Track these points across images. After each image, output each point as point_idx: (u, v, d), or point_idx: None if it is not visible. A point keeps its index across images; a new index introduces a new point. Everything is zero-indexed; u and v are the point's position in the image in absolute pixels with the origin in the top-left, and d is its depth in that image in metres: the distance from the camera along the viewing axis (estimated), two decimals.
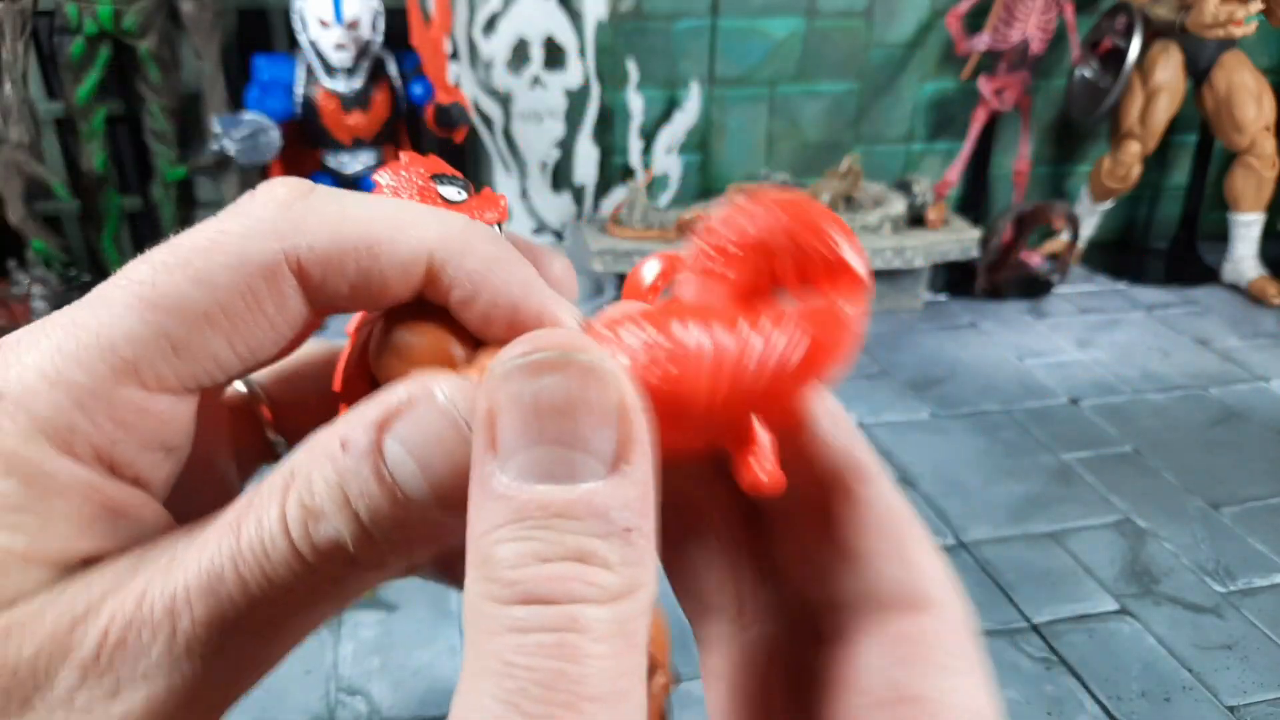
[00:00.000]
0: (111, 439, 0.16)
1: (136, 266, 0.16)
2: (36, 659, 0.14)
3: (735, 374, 0.15)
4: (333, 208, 0.17)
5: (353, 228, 0.17)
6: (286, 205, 0.17)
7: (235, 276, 0.16)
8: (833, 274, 0.16)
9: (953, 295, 2.54)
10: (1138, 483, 1.71)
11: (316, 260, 0.17)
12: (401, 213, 0.18)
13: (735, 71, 2.46)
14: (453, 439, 0.15)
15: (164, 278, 0.16)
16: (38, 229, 2.04)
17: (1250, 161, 2.44)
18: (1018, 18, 2.30)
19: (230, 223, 0.17)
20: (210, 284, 0.16)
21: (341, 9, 1.94)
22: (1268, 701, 1.24)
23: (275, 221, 0.17)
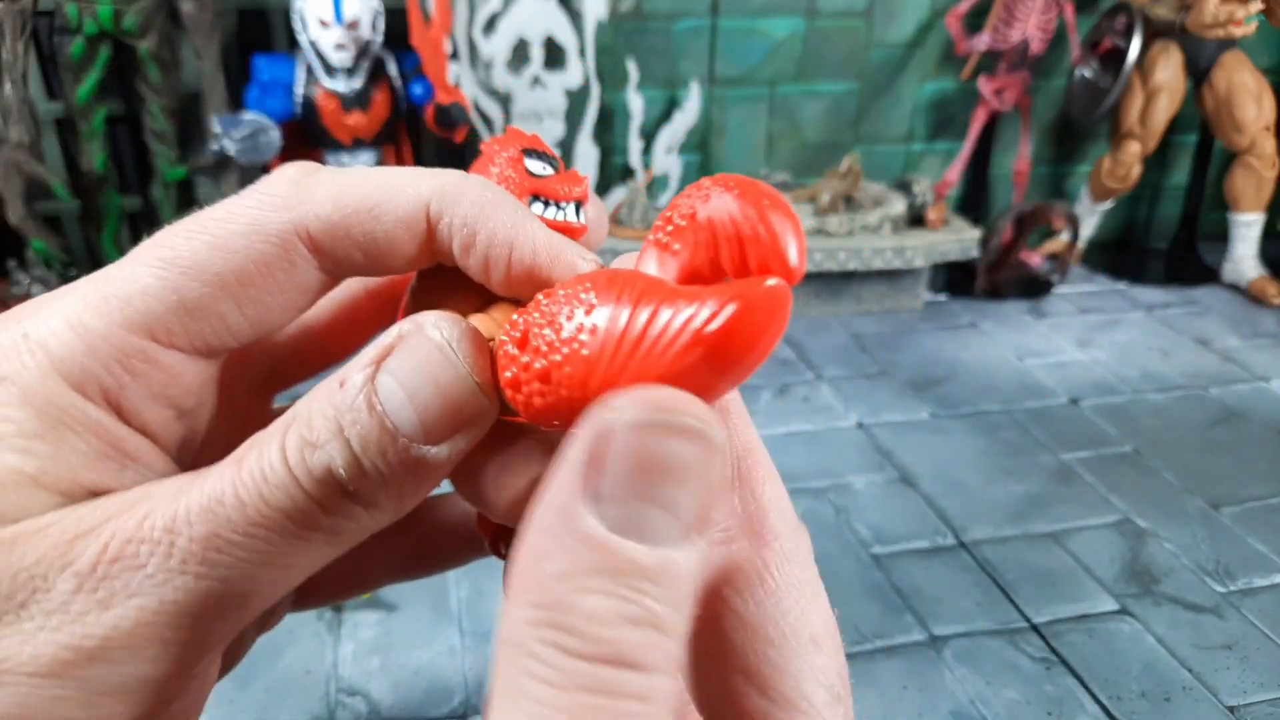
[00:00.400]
0: (119, 383, 0.17)
1: (164, 234, 0.18)
2: (37, 565, 0.15)
3: (638, 342, 0.15)
4: (335, 180, 0.19)
5: (354, 194, 0.18)
6: (294, 182, 0.19)
7: (247, 243, 0.18)
8: (768, 257, 0.16)
9: (953, 295, 2.54)
10: (1138, 483, 1.71)
11: (324, 228, 0.18)
12: (399, 175, 0.19)
13: (735, 71, 2.46)
14: (439, 366, 0.16)
15: (183, 242, 0.18)
16: (38, 229, 2.04)
17: (1250, 161, 2.44)
18: (1018, 18, 2.30)
19: (247, 199, 0.18)
20: (224, 249, 0.17)
21: (341, 9, 1.94)
22: (1268, 701, 1.24)
23: (285, 196, 0.18)
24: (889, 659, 1.32)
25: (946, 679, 1.28)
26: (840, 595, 1.43)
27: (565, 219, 0.22)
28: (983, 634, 1.36)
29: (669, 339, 0.15)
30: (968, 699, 1.25)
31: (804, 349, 2.24)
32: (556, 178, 0.22)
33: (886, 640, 1.35)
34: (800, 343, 2.27)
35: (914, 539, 1.56)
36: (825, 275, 2.37)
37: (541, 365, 0.16)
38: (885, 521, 1.60)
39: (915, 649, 1.33)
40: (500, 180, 0.22)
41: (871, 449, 1.82)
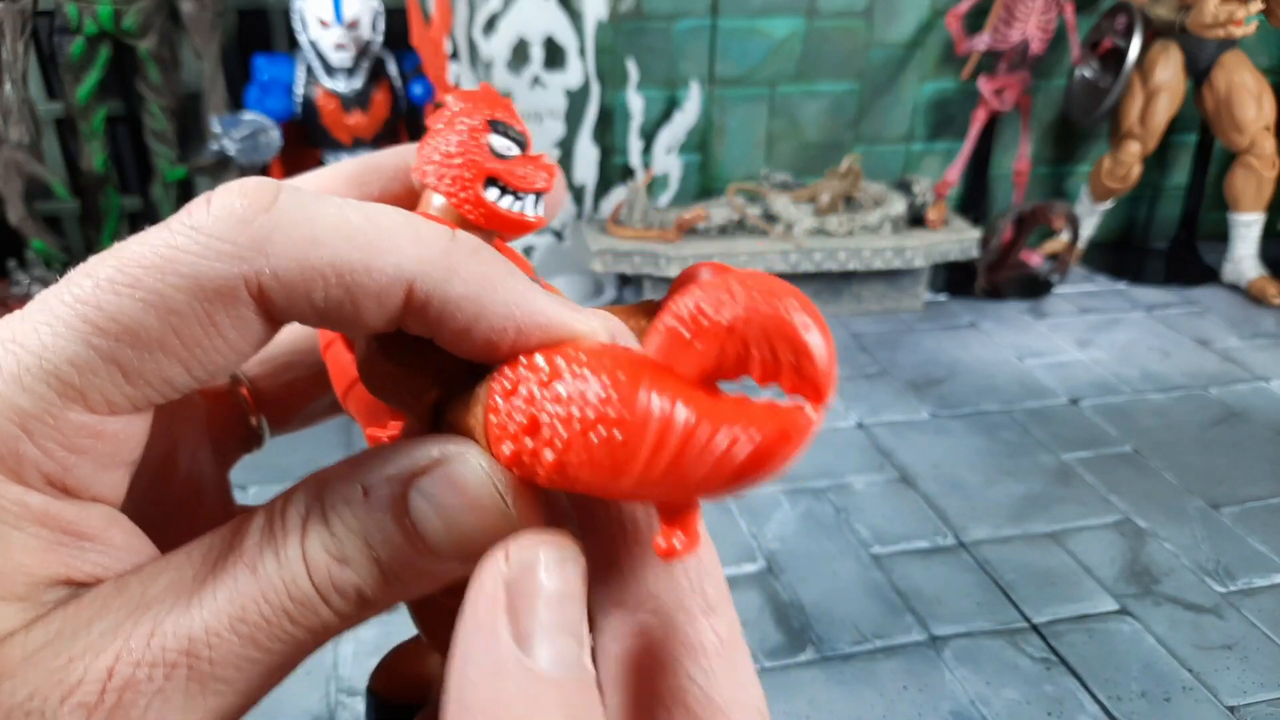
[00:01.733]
0: (64, 464, 0.15)
1: (80, 281, 0.15)
2: (31, 700, 0.14)
3: (676, 455, 0.15)
4: (297, 226, 0.15)
5: (320, 253, 0.15)
6: (246, 221, 0.15)
7: (187, 300, 0.15)
8: (798, 378, 0.15)
9: (953, 295, 2.54)
10: (1138, 483, 1.71)
11: (280, 287, 0.15)
12: (376, 233, 0.16)
13: (735, 71, 2.46)
14: (484, 500, 0.16)
15: (110, 299, 0.15)
16: (38, 229, 2.04)
17: (1250, 161, 2.44)
18: (1018, 18, 2.30)
19: (182, 238, 0.15)
20: (162, 308, 0.15)
21: (341, 9, 1.94)
22: (1268, 701, 1.24)
23: (233, 240, 0.15)
24: (889, 659, 1.32)
25: (946, 679, 1.28)
26: (840, 595, 1.43)
27: (522, 211, 0.20)
28: (983, 634, 1.36)
29: (711, 463, 0.15)
30: (968, 699, 1.25)
31: None
32: (521, 161, 0.20)
33: (886, 640, 1.35)
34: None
35: (914, 539, 1.56)
36: (825, 275, 2.37)
37: (554, 459, 0.15)
38: (885, 521, 1.60)
39: (915, 649, 1.33)
40: (458, 154, 0.19)
41: (871, 449, 1.82)
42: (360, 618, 0.16)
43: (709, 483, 0.15)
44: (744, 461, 0.15)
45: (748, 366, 0.16)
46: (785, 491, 1.67)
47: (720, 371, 0.16)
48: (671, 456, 0.15)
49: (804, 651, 1.33)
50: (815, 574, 1.47)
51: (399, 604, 0.17)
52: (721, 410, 0.15)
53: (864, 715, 1.23)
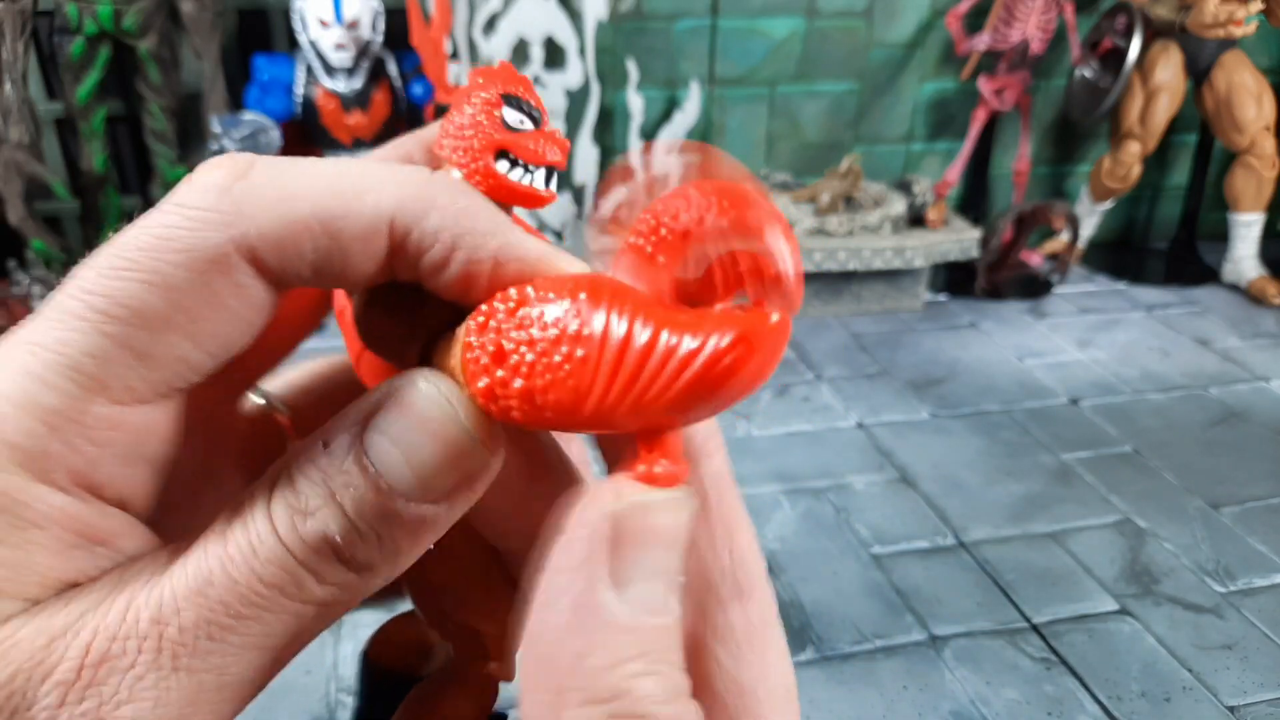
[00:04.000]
0: (89, 460, 0.15)
1: (85, 273, 0.15)
2: (13, 680, 0.14)
3: (637, 367, 0.15)
4: (275, 185, 0.16)
5: (300, 205, 0.16)
6: (225, 190, 0.16)
7: (186, 274, 0.15)
8: (762, 278, 0.15)
9: (953, 295, 2.54)
10: (1138, 483, 1.71)
11: (268, 245, 0.15)
12: (353, 179, 0.16)
13: (735, 71, 2.46)
14: (438, 422, 0.16)
15: (114, 284, 0.15)
16: (38, 229, 2.04)
17: (1250, 161, 2.44)
18: (1018, 18, 2.30)
19: (171, 215, 0.15)
20: (162, 285, 0.15)
21: (341, 9, 1.94)
22: (1268, 701, 1.24)
23: (216, 208, 0.15)
24: (889, 659, 1.32)
25: (946, 679, 1.28)
26: (840, 595, 1.43)
27: (532, 184, 0.19)
28: (983, 634, 1.36)
29: (671, 373, 0.14)
30: (968, 699, 1.25)
31: (804, 349, 2.24)
32: (533, 135, 0.20)
33: (886, 640, 1.35)
34: (800, 343, 2.27)
35: (914, 539, 1.56)
36: (825, 275, 2.37)
37: (521, 385, 0.15)
38: (885, 521, 1.60)
39: (915, 649, 1.33)
40: (470, 126, 0.19)
41: (871, 449, 1.82)
42: (350, 587, 0.16)
43: (680, 399, 0.15)
44: (710, 370, 0.14)
45: (712, 280, 0.16)
46: (785, 491, 1.68)
47: (689, 290, 0.16)
48: (633, 369, 0.15)
49: (804, 651, 1.33)
50: (815, 574, 1.47)
51: (392, 574, 0.16)
52: (682, 320, 0.15)
53: (864, 715, 1.23)
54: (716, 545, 0.17)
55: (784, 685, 0.17)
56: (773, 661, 0.17)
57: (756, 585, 0.17)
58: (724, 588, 0.17)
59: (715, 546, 0.17)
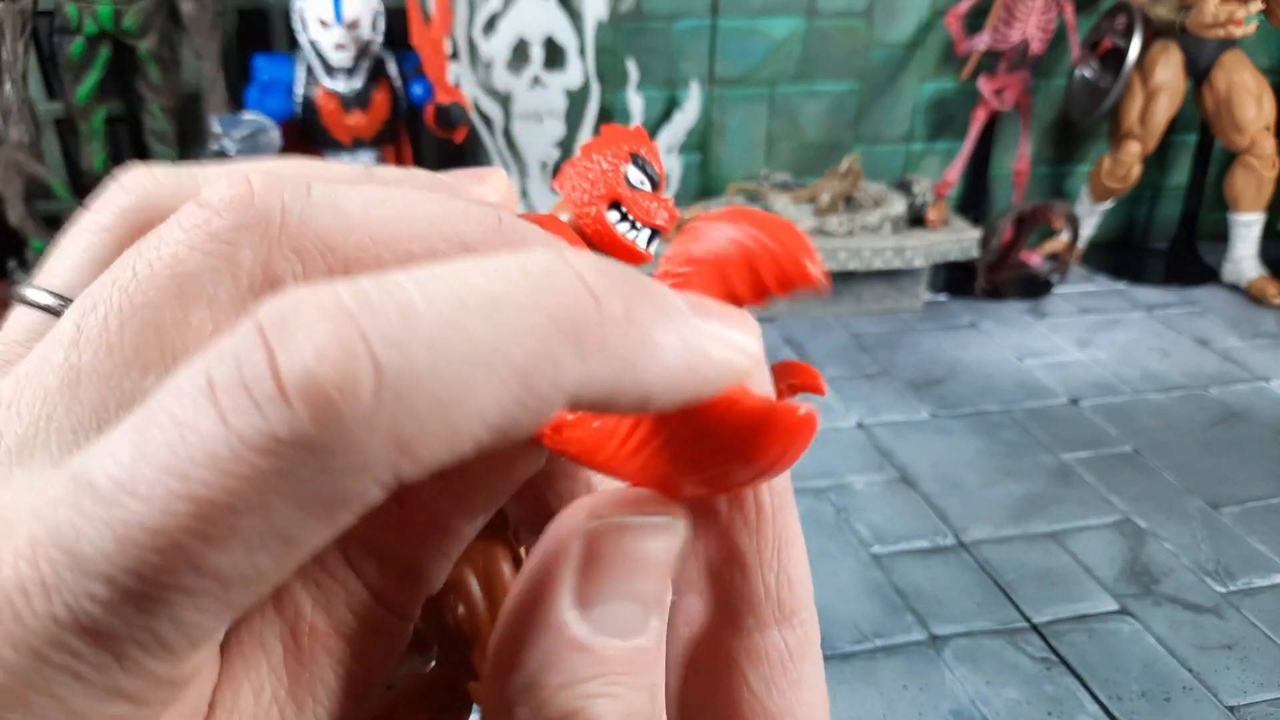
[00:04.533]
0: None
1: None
2: None
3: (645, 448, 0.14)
4: (437, 396, 0.11)
5: (469, 421, 0.11)
6: (359, 421, 0.11)
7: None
8: (787, 271, 0.15)
9: (953, 295, 2.54)
10: (1138, 483, 1.71)
11: (421, 469, 0.12)
12: (519, 356, 0.11)
13: (735, 71, 2.46)
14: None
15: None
16: (38, 229, 2.04)
17: (1250, 161, 2.44)
18: (1018, 18, 2.30)
19: (270, 456, 0.10)
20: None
21: (341, 9, 1.94)
22: (1268, 701, 1.24)
23: (357, 447, 0.11)
24: (889, 658, 1.32)
25: (946, 679, 1.28)
26: (840, 595, 1.43)
27: (635, 241, 0.20)
28: (983, 634, 1.36)
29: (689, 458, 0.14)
30: (968, 698, 1.25)
31: (804, 349, 2.24)
32: (648, 195, 0.21)
33: (886, 640, 1.35)
34: (800, 343, 2.27)
35: (914, 539, 1.56)
36: (825, 275, 2.36)
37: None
38: (885, 521, 1.60)
39: (915, 649, 1.33)
40: (595, 174, 0.21)
41: (871, 449, 1.82)
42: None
43: (693, 480, 0.14)
44: (716, 460, 0.14)
45: (736, 291, 0.15)
46: None
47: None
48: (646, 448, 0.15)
49: None
50: (815, 573, 1.46)
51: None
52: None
53: (864, 714, 1.23)
54: (764, 564, 0.16)
55: (816, 717, 0.16)
56: (806, 692, 0.16)
57: (800, 610, 0.16)
58: (765, 609, 0.16)
59: (763, 565, 0.16)
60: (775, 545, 0.16)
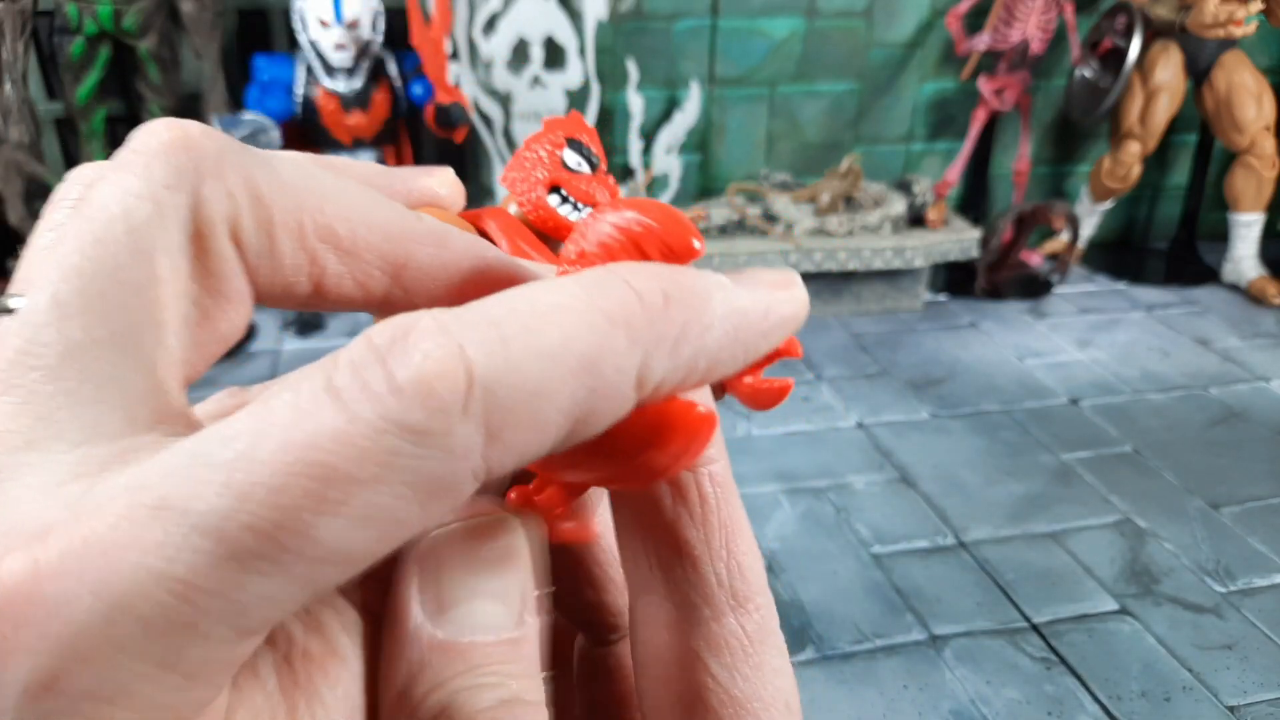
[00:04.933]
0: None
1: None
2: None
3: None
4: (521, 385, 0.13)
5: (548, 410, 0.13)
6: (453, 412, 0.12)
7: (421, 514, 0.13)
8: (669, 244, 0.16)
9: (953, 295, 2.54)
10: (1138, 483, 1.71)
11: (507, 461, 0.13)
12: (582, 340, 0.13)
13: (735, 71, 2.46)
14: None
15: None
16: None
17: (1250, 161, 2.45)
18: (1018, 18, 2.30)
19: (424, 453, 0.12)
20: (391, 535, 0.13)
21: (341, 9, 1.94)
22: (1268, 701, 1.24)
23: (465, 447, 0.12)
24: (889, 658, 1.32)
25: (947, 678, 1.28)
26: (840, 595, 1.43)
27: (578, 220, 0.21)
28: (983, 634, 1.36)
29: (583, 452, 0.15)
30: (968, 698, 1.25)
31: (804, 349, 2.24)
32: (586, 177, 0.21)
33: (886, 640, 1.35)
34: (801, 342, 2.27)
35: (914, 539, 1.56)
36: (825, 275, 2.37)
37: None
38: (885, 521, 1.60)
39: (915, 648, 1.33)
40: (532, 163, 0.21)
41: (871, 449, 1.82)
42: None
43: (586, 473, 0.15)
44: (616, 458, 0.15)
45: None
46: (785, 491, 1.68)
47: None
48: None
49: (804, 650, 1.33)
50: (815, 573, 1.47)
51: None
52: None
53: (864, 714, 1.23)
54: (714, 554, 0.16)
55: (782, 699, 0.17)
56: (769, 675, 0.17)
57: (754, 596, 0.17)
58: (719, 598, 0.16)
59: (713, 555, 0.16)
60: (723, 535, 0.17)
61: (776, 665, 0.17)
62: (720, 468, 0.17)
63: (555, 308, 0.13)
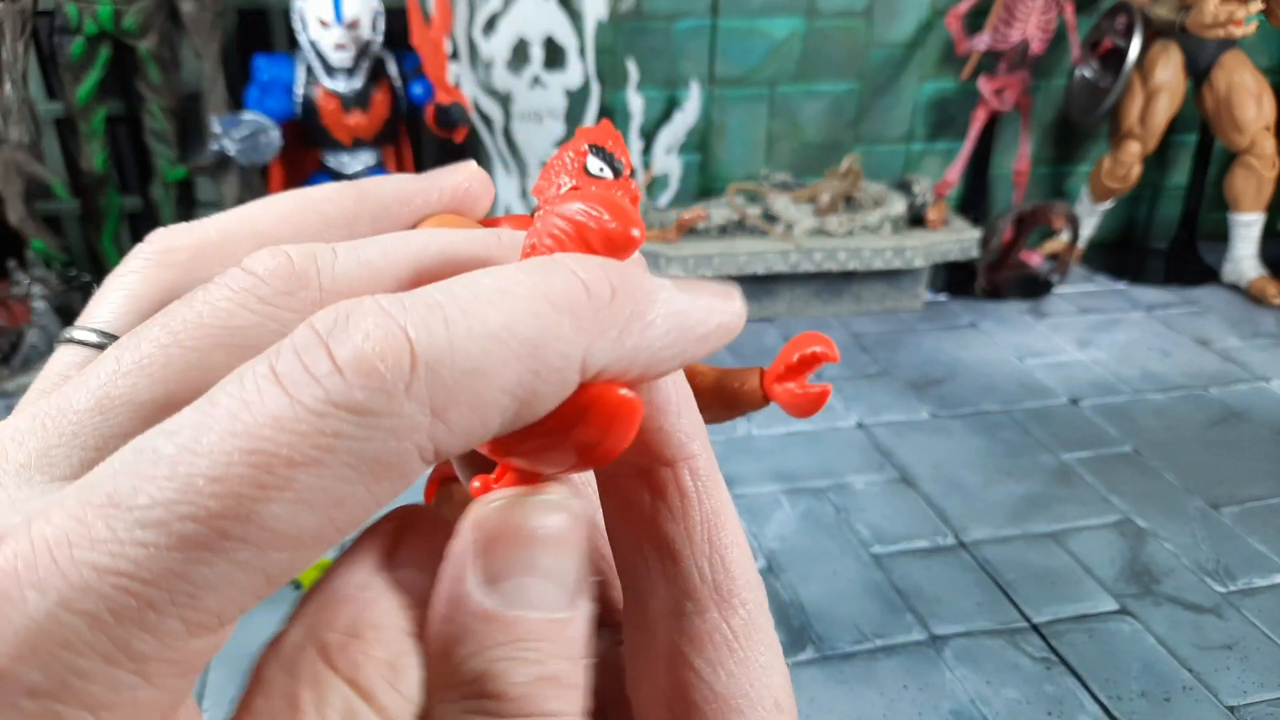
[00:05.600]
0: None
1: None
2: None
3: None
4: (461, 370, 0.13)
5: (491, 389, 0.13)
6: (400, 390, 0.13)
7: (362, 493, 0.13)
8: (608, 232, 0.16)
9: (953, 295, 2.54)
10: (1138, 483, 1.71)
11: (455, 441, 0.13)
12: (527, 327, 0.14)
13: (735, 71, 2.46)
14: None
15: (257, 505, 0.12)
16: (38, 229, 2.04)
17: (1250, 161, 2.44)
18: (1018, 18, 2.30)
19: (344, 423, 0.12)
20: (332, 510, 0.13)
21: (341, 9, 1.94)
22: (1268, 701, 1.24)
23: (397, 413, 0.12)
24: (889, 658, 1.32)
25: (946, 678, 1.28)
26: (840, 595, 1.43)
27: None
28: (983, 634, 1.36)
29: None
30: (968, 698, 1.25)
31: None
32: (608, 182, 0.22)
33: (886, 640, 1.35)
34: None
35: (914, 539, 1.56)
36: (825, 275, 2.37)
37: None
38: (885, 521, 1.60)
39: (915, 649, 1.33)
40: (556, 169, 0.22)
41: (871, 449, 1.82)
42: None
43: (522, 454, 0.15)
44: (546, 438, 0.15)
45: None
46: (785, 491, 1.68)
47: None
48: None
49: (804, 651, 1.33)
50: (815, 573, 1.47)
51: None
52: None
53: (864, 714, 1.23)
54: (695, 549, 0.17)
55: (771, 697, 0.17)
56: (756, 672, 0.17)
57: (739, 591, 0.17)
58: (702, 593, 0.16)
59: (694, 550, 0.17)
60: (705, 530, 0.17)
61: (764, 662, 0.17)
62: (703, 462, 0.17)
63: (498, 291, 0.13)
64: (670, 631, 0.17)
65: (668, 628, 0.17)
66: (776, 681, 0.17)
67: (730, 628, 0.17)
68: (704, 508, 0.17)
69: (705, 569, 0.17)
